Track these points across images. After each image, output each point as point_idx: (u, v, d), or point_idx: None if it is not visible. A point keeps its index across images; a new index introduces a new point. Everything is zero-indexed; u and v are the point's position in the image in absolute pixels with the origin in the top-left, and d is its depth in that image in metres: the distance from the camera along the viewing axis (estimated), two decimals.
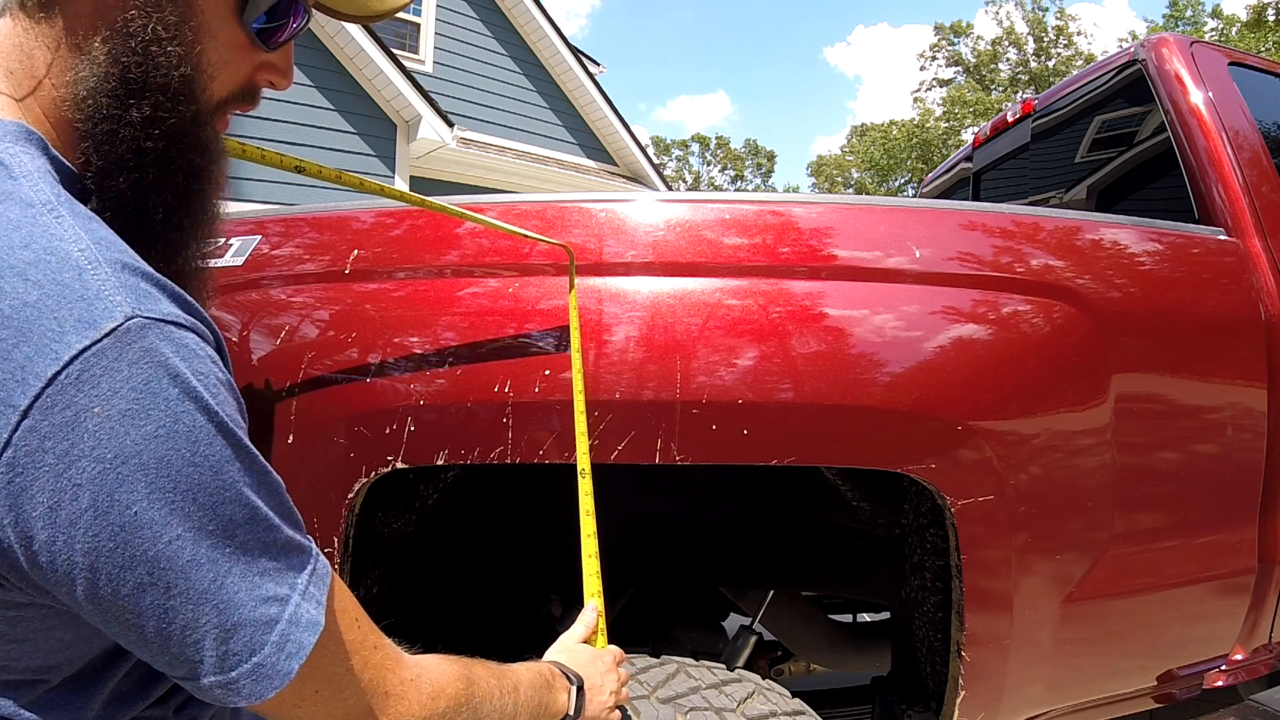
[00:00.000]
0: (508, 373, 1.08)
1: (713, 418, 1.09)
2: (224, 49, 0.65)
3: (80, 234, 0.52)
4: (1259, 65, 1.83)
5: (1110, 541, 1.27)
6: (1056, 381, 1.21)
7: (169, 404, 0.49)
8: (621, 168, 10.96)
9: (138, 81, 0.59)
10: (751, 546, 1.83)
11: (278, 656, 0.53)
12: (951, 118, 28.59)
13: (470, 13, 9.78)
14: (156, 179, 0.61)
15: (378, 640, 0.63)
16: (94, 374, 0.47)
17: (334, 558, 1.10)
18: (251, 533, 0.53)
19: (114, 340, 0.48)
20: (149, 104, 0.59)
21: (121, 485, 0.48)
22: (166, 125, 0.60)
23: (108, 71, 0.59)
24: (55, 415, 0.47)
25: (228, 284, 1.15)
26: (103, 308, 0.49)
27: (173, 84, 0.60)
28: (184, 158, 0.62)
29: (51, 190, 0.54)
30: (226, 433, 0.52)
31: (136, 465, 0.48)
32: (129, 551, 0.48)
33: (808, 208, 1.25)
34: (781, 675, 1.98)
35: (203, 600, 0.50)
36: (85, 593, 0.49)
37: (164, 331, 0.51)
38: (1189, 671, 1.48)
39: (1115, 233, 1.36)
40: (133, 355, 0.49)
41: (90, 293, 0.49)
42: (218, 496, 0.51)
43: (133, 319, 0.49)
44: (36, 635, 0.55)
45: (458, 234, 1.19)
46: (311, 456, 1.09)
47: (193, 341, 0.53)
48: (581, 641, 0.96)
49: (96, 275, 0.50)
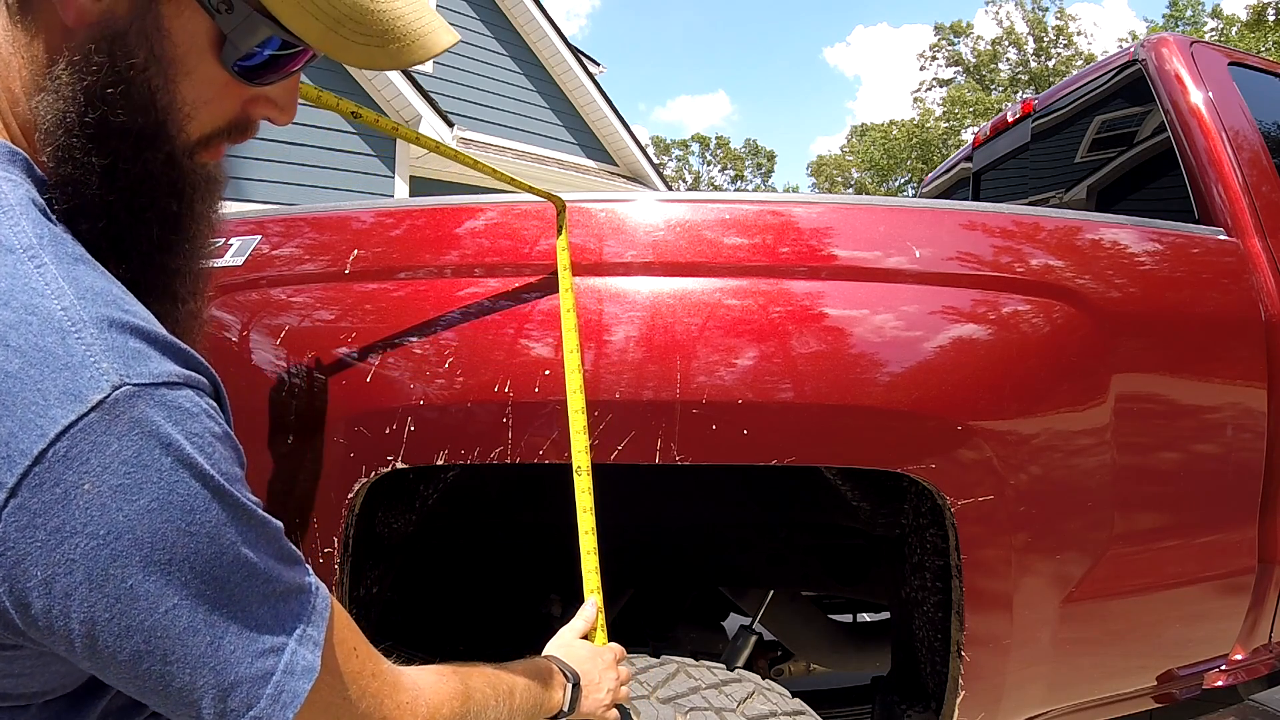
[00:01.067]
0: (508, 373, 1.08)
1: (713, 418, 1.09)
2: (202, 86, 0.59)
3: (63, 286, 0.49)
4: (1259, 65, 1.83)
5: (1110, 541, 1.27)
6: (1056, 381, 1.21)
7: (162, 475, 0.48)
8: (621, 168, 10.96)
9: (95, 126, 0.55)
10: (751, 546, 1.82)
11: (273, 708, 0.53)
12: (951, 118, 28.59)
13: (470, 13, 9.78)
14: (128, 225, 0.58)
15: (376, 667, 0.63)
16: (82, 450, 0.46)
17: (334, 557, 1.10)
18: (249, 588, 0.53)
19: (101, 414, 0.47)
20: (109, 152, 0.56)
21: (115, 560, 0.47)
22: (131, 175, 0.57)
23: (66, 109, 0.54)
24: (44, 493, 0.45)
25: (228, 284, 1.15)
26: (88, 377, 0.47)
27: (135, 129, 0.56)
28: (155, 205, 0.59)
29: (33, 229, 0.51)
30: (222, 495, 0.51)
31: (130, 541, 0.47)
32: (125, 622, 0.48)
33: (808, 208, 1.25)
34: (781, 675, 1.98)
35: (200, 665, 0.50)
36: (84, 653, 0.49)
37: (154, 396, 0.49)
38: (1189, 671, 1.48)
39: (1115, 233, 1.36)
40: (122, 428, 0.47)
41: (75, 360, 0.47)
42: (214, 561, 0.50)
43: (120, 388, 0.47)
44: (33, 670, 0.55)
45: (458, 234, 1.19)
46: (311, 456, 1.09)
47: (186, 400, 0.51)
48: (581, 636, 0.97)
49: (80, 339, 0.48)
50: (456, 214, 1.22)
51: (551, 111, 10.42)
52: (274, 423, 1.10)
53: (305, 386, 1.10)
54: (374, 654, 0.64)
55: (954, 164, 2.91)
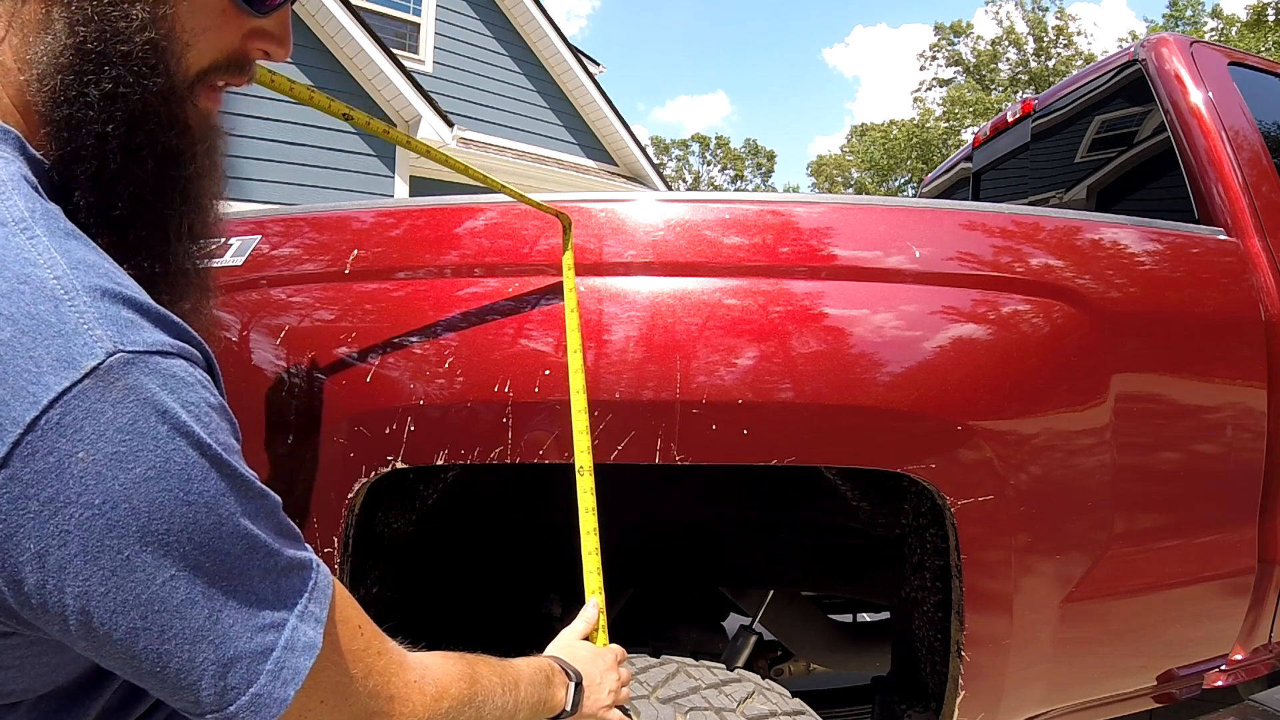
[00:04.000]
0: (508, 373, 1.08)
1: (713, 418, 1.08)
2: (202, 13, 0.59)
3: (55, 257, 0.48)
4: (1259, 65, 1.83)
5: (1110, 541, 1.27)
6: (1056, 381, 1.21)
7: (158, 443, 0.47)
8: (621, 168, 10.96)
9: (95, 52, 0.54)
10: (751, 546, 1.82)
11: (274, 684, 0.52)
12: (951, 118, 28.58)
13: (470, 13, 9.78)
14: (121, 167, 0.56)
15: (381, 645, 0.62)
16: (76, 418, 0.45)
17: (334, 557, 1.10)
18: (249, 562, 0.51)
19: (95, 380, 0.46)
20: (108, 78, 0.54)
21: (112, 530, 0.46)
22: (130, 101, 0.55)
23: (64, 44, 0.53)
24: (37, 462, 0.44)
25: (228, 284, 1.15)
26: (82, 344, 0.46)
27: (135, 52, 0.55)
28: (153, 141, 0.57)
29: (25, 203, 0.50)
30: (220, 465, 0.50)
31: (127, 510, 0.46)
32: (122, 596, 0.46)
33: (808, 208, 1.25)
34: (781, 675, 1.98)
35: (198, 639, 0.49)
36: (79, 632, 0.47)
37: (149, 364, 0.48)
38: (1189, 671, 1.48)
39: (1115, 233, 1.36)
40: (116, 394, 0.46)
41: (68, 327, 0.46)
42: (213, 533, 0.49)
43: (115, 354, 0.46)
44: (22, 662, 0.53)
45: (458, 234, 1.19)
46: (311, 456, 1.09)
47: (181, 369, 0.50)
48: (582, 638, 0.96)
49: (74, 306, 0.47)
50: (456, 214, 1.22)
51: (551, 111, 10.42)
52: (274, 423, 1.10)
53: (305, 386, 1.10)
54: (379, 633, 0.63)
55: (954, 164, 2.91)
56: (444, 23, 9.58)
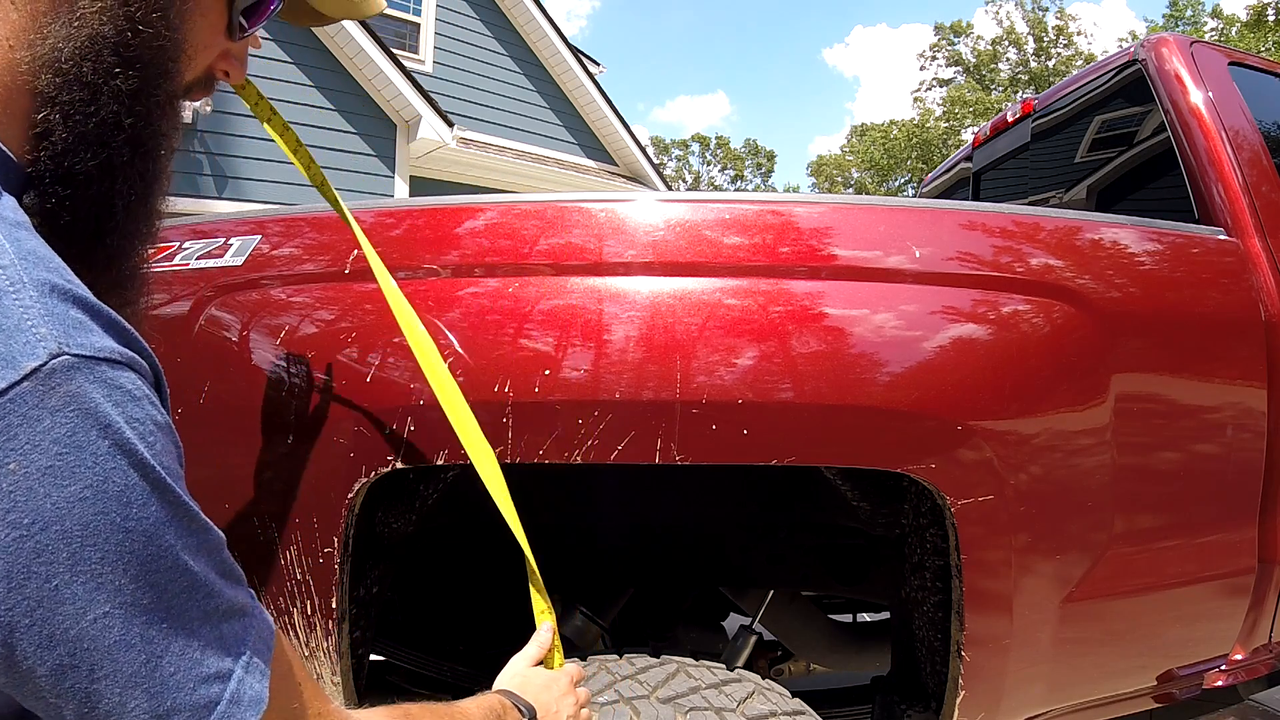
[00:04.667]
0: (507, 373, 1.08)
1: (713, 418, 1.08)
2: (206, 30, 0.61)
3: (4, 245, 0.45)
4: (1259, 65, 1.83)
5: (1110, 541, 1.27)
6: (1056, 381, 1.21)
7: (97, 460, 0.43)
8: (621, 168, 10.96)
9: (133, 50, 0.54)
10: (751, 546, 1.82)
11: None
12: (951, 118, 28.58)
13: (470, 13, 9.78)
14: (127, 160, 0.55)
15: (322, 706, 0.59)
16: (10, 423, 0.41)
17: (334, 557, 1.10)
18: (190, 602, 0.47)
19: (35, 383, 0.42)
20: (137, 77, 0.54)
21: (39, 555, 0.41)
22: (149, 103, 0.55)
23: (98, 34, 0.52)
24: None
25: (228, 284, 1.15)
26: (24, 341, 0.42)
27: (163, 58, 0.56)
28: (155, 140, 0.58)
29: None
30: (163, 490, 0.46)
31: (58, 532, 0.41)
32: (47, 630, 0.42)
33: (808, 208, 1.25)
34: (781, 675, 1.98)
35: (132, 684, 0.44)
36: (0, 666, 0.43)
37: (95, 372, 0.44)
38: (1189, 671, 1.48)
39: (1115, 233, 1.36)
40: (56, 401, 0.42)
41: (10, 322, 0.42)
42: (151, 565, 0.45)
43: (59, 357, 0.42)
44: None
45: (458, 234, 1.19)
46: (311, 456, 1.09)
47: (128, 381, 0.46)
48: (535, 663, 0.93)
49: (19, 300, 0.43)
50: (456, 214, 1.22)
51: (551, 111, 10.43)
52: (274, 423, 1.10)
53: (305, 386, 1.10)
54: (320, 691, 0.60)
55: (954, 164, 2.91)
56: (444, 23, 9.58)
